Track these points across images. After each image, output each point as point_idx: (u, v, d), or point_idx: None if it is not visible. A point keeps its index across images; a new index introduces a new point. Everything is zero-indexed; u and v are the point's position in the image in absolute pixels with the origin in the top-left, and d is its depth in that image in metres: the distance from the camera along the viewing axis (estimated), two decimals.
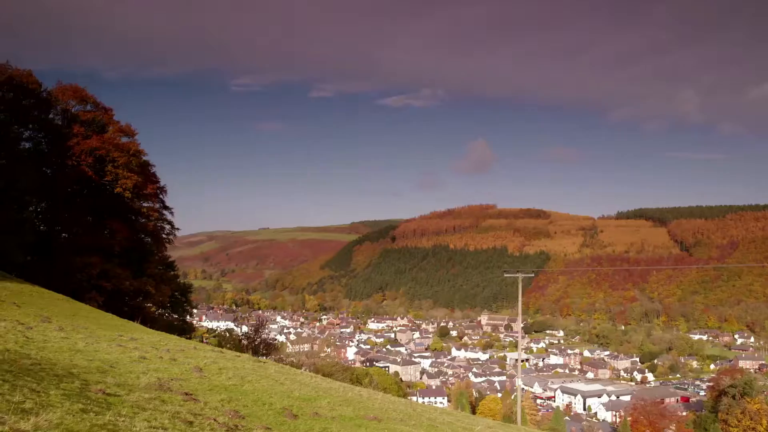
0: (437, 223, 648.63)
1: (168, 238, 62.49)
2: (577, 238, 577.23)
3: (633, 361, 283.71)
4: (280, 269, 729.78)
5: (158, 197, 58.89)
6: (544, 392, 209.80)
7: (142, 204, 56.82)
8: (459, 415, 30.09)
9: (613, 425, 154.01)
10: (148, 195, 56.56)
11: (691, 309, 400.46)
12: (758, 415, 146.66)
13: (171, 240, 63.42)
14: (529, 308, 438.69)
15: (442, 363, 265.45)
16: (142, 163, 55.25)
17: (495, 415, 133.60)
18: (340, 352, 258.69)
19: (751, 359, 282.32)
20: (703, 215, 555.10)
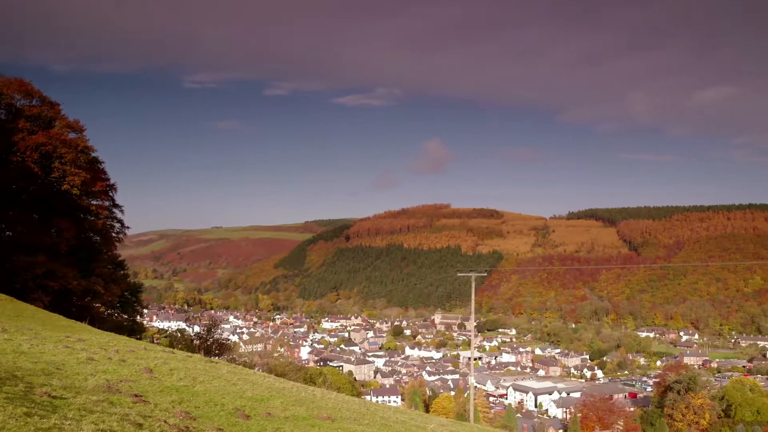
0: (391, 223, 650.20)
1: (118, 236, 61.28)
2: (529, 237, 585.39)
3: (583, 358, 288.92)
4: (233, 268, 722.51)
5: (108, 195, 57.65)
6: (497, 390, 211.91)
7: (91, 202, 55.51)
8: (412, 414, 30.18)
9: (564, 422, 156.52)
10: (97, 192, 55.28)
11: (638, 307, 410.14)
12: (701, 409, 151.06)
13: (121, 239, 62.21)
14: (482, 307, 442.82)
15: (395, 362, 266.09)
16: (90, 160, 53.97)
17: (448, 413, 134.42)
18: (293, 352, 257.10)
19: (695, 355, 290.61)
20: (651, 216, 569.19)
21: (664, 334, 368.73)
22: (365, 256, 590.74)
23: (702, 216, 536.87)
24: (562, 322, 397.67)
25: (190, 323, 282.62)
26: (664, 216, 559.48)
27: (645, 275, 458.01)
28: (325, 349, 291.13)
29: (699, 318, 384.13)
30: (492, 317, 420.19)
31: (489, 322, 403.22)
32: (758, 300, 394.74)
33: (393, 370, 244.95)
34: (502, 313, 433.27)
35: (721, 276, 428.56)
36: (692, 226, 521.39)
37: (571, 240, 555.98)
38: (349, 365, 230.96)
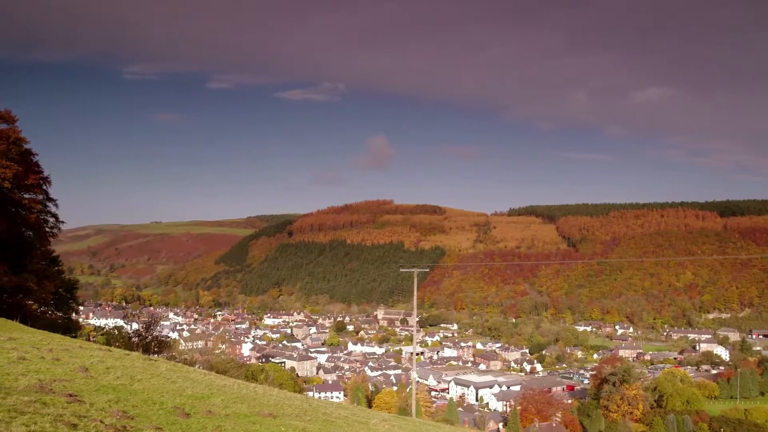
0: (334, 218, 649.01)
1: (52, 231, 59.43)
2: (471, 233, 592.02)
3: (523, 352, 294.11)
4: (173, 264, 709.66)
5: (41, 188, 55.80)
6: (439, 384, 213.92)
7: (23, 195, 53.61)
8: (355, 409, 30.22)
9: (504, 414, 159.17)
10: (29, 186, 53.44)
11: (576, 302, 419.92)
12: (635, 400, 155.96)
13: (55, 234, 60.34)
14: (424, 302, 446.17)
15: (338, 358, 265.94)
16: (23, 152, 52.12)
17: (390, 408, 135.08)
18: (235, 349, 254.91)
19: (630, 348, 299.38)
20: (589, 213, 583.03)
21: (601, 327, 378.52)
22: (308, 252, 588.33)
23: (637, 213, 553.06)
24: (503, 316, 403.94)
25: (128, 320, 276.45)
26: (601, 213, 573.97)
27: (583, 271, 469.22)
28: (268, 345, 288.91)
29: (634, 312, 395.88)
30: (434, 312, 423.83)
31: (431, 317, 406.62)
32: (689, 294, 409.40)
33: (336, 365, 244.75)
34: (444, 309, 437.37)
35: (654, 271, 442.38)
36: (628, 223, 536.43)
37: (511, 236, 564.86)
38: (291, 361, 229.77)
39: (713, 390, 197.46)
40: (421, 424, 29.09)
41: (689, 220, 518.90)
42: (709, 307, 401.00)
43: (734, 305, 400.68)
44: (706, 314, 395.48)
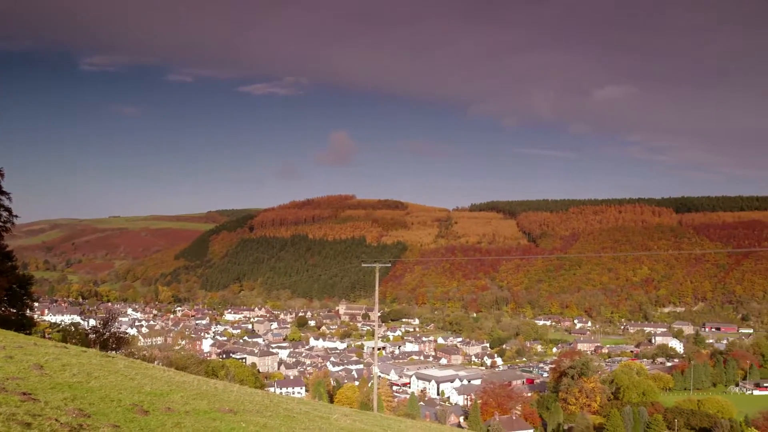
0: (296, 213, 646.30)
1: (5, 225, 57.97)
2: (432, 229, 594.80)
3: (484, 346, 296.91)
4: (132, 259, 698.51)
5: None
6: (400, 379, 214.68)
7: None
8: (316, 404, 30.17)
9: (465, 408, 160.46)
10: None
11: (536, 296, 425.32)
12: (593, 392, 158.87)
13: (8, 228, 58.85)
14: (386, 297, 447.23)
15: (300, 353, 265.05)
16: None
17: (352, 402, 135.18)
18: (195, 345, 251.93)
19: (588, 342, 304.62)
20: (549, 208, 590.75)
21: (560, 321, 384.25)
22: (269, 247, 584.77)
23: (596, 209, 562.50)
24: (464, 311, 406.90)
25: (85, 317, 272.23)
26: (561, 209, 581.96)
27: (543, 266, 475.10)
28: (228, 341, 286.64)
29: (592, 306, 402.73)
30: (396, 307, 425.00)
31: (393, 312, 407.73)
32: (645, 289, 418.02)
33: (297, 361, 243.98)
34: (406, 303, 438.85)
35: (612, 266, 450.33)
36: (587, 218, 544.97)
37: (473, 231, 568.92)
38: (252, 357, 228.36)
39: (668, 382, 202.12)
40: (382, 419, 29.17)
41: (646, 216, 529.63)
42: (664, 301, 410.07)
43: (688, 299, 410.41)
44: (661, 308, 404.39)
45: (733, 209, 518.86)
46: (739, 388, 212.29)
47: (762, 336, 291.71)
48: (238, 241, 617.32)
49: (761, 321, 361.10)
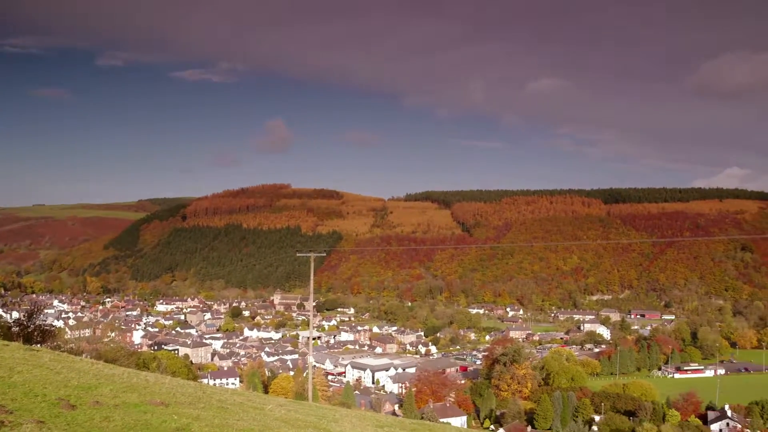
0: (230, 202, 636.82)
1: None
2: (368, 218, 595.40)
3: (418, 335, 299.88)
4: (58, 249, 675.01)
5: None
6: (336, 368, 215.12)
7: None
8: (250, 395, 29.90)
9: (400, 396, 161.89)
10: None
11: (470, 285, 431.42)
12: (524, 379, 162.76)
13: None
14: (321, 287, 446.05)
15: (234, 344, 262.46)
16: None
17: (287, 393, 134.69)
18: (125, 337, 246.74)
19: (520, 330, 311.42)
20: (483, 199, 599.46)
21: (493, 310, 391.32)
22: (203, 237, 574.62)
23: (528, 200, 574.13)
24: (399, 300, 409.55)
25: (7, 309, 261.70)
26: (494, 199, 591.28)
27: (476, 255, 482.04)
28: (160, 332, 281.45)
29: (524, 294, 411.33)
30: (331, 297, 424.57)
31: (328, 301, 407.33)
32: (575, 277, 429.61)
33: (231, 352, 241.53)
34: (341, 293, 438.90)
35: (543, 255, 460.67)
36: (519, 209, 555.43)
37: (408, 221, 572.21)
38: (185, 348, 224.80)
39: (595, 367, 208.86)
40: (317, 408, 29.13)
41: (576, 207, 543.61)
42: (593, 289, 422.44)
43: (615, 287, 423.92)
44: (590, 296, 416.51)
45: (658, 201, 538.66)
46: (661, 371, 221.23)
47: (683, 322, 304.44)
48: (170, 230, 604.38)
49: (683, 308, 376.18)
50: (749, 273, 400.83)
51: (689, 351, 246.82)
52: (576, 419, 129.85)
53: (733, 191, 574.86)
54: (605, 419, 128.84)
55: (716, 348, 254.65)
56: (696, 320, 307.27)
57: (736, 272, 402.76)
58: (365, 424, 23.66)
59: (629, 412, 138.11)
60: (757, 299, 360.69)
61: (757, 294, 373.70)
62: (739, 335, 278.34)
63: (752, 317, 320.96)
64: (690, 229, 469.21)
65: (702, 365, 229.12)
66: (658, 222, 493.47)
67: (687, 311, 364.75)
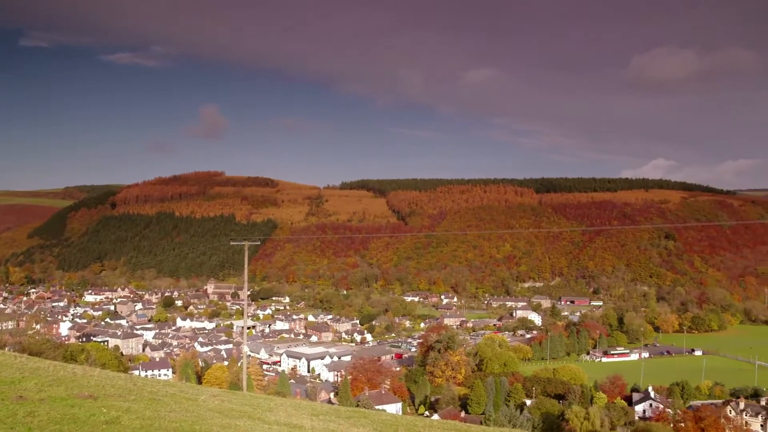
0: (162, 190, 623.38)
1: None
2: (303, 206, 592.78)
3: (354, 323, 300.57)
4: None
5: None
6: (270, 357, 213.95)
7: None
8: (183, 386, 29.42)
9: (335, 384, 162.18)
10: None
11: (405, 273, 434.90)
12: (458, 365, 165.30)
13: None
14: (256, 276, 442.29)
15: (166, 334, 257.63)
16: None
17: (221, 383, 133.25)
18: (51, 328, 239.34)
19: (454, 317, 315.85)
20: (418, 187, 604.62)
21: (428, 297, 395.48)
22: (133, 225, 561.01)
23: (463, 189, 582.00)
24: (335, 288, 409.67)
25: None
26: (429, 188, 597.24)
27: (411, 243, 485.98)
28: (89, 323, 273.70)
29: (458, 282, 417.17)
30: (266, 286, 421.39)
31: (263, 290, 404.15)
32: (507, 265, 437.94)
33: (163, 342, 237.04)
34: (276, 282, 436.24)
35: (477, 244, 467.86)
36: (454, 197, 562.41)
37: (343, 209, 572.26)
38: (115, 340, 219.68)
39: (527, 353, 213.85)
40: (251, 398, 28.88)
41: (509, 196, 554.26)
42: (525, 276, 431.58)
43: (546, 275, 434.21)
44: (522, 283, 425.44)
45: (588, 190, 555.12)
46: (589, 356, 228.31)
47: (610, 308, 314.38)
48: (99, 218, 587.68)
49: (610, 294, 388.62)
50: (672, 260, 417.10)
51: (616, 336, 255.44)
52: (508, 404, 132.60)
53: (658, 182, 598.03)
54: (536, 403, 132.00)
55: (641, 332, 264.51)
56: (622, 306, 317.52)
57: (660, 260, 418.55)
58: (301, 413, 23.58)
59: (559, 396, 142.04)
60: (679, 285, 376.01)
61: (679, 280, 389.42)
62: (662, 320, 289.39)
63: (674, 302, 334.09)
64: (617, 218, 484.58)
65: (628, 349, 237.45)
66: (587, 211, 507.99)
67: (614, 297, 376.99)
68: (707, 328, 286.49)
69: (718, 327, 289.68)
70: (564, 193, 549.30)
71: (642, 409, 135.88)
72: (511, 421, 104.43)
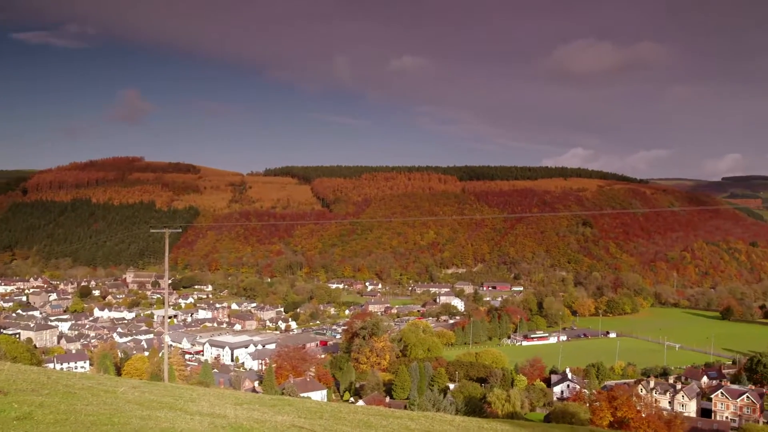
0: (78, 175, 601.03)
1: None
2: (226, 193, 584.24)
3: (278, 311, 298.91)
4: None
5: None
6: (193, 347, 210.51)
7: None
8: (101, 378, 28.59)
9: (260, 373, 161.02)
10: None
11: (330, 260, 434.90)
12: (383, 351, 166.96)
13: None
14: (177, 264, 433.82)
15: (83, 325, 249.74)
16: None
17: (142, 374, 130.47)
18: None
19: (379, 303, 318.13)
20: (343, 174, 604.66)
21: (353, 284, 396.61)
22: (46, 212, 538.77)
23: (387, 176, 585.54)
24: (259, 276, 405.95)
25: None
26: (354, 175, 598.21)
27: (336, 230, 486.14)
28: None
29: (382, 269, 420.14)
30: (188, 274, 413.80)
31: (185, 279, 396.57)
32: (431, 252, 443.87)
33: (80, 333, 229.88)
34: (199, 270, 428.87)
35: (402, 231, 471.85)
36: (378, 185, 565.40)
37: (267, 196, 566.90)
38: (27, 332, 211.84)
39: (450, 338, 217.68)
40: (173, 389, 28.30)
41: (433, 183, 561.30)
42: (448, 263, 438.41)
43: (469, 261, 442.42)
44: (445, 270, 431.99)
45: (509, 178, 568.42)
46: (510, 340, 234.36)
47: (530, 293, 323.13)
48: (9, 205, 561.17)
49: (530, 279, 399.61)
50: (589, 246, 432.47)
51: (536, 320, 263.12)
52: (432, 388, 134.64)
53: (576, 170, 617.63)
54: (459, 387, 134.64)
55: (559, 316, 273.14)
56: (542, 291, 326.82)
57: (578, 246, 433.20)
58: (224, 403, 23.27)
59: (481, 379, 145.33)
60: (595, 270, 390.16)
61: (595, 266, 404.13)
62: (579, 304, 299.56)
63: (591, 287, 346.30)
64: (538, 206, 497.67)
65: (547, 333, 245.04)
66: (509, 198, 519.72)
67: (534, 282, 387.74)
68: (621, 311, 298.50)
69: (631, 310, 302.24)
70: (487, 181, 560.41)
71: (560, 390, 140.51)
72: (435, 405, 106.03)
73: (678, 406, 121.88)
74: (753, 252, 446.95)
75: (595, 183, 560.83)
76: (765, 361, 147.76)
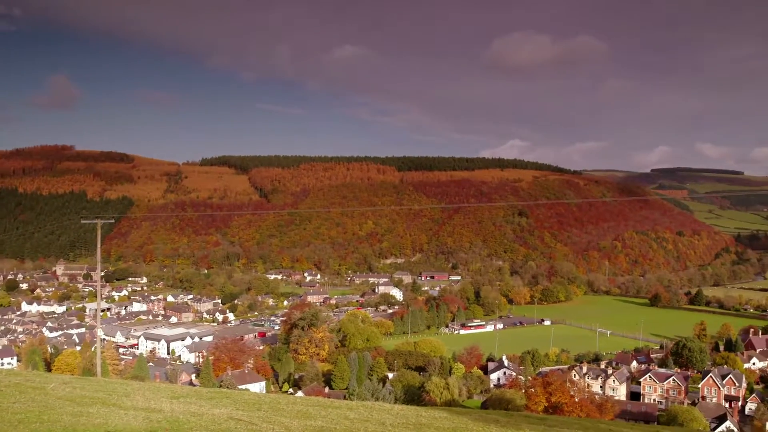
0: (3, 164, 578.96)
1: None
2: (161, 183, 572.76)
3: (215, 303, 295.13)
4: None
5: None
6: (128, 340, 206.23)
7: None
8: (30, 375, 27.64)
9: (197, 366, 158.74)
10: None
11: (268, 251, 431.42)
12: (322, 341, 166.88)
13: None
14: (110, 256, 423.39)
15: (10, 320, 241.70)
16: None
17: (73, 369, 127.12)
18: None
19: (318, 294, 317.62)
20: (281, 164, 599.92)
21: (291, 275, 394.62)
22: None
23: (326, 166, 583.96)
24: (195, 268, 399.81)
25: None
26: (292, 165, 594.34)
27: (274, 221, 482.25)
28: None
29: (321, 259, 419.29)
30: (122, 266, 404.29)
31: (118, 271, 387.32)
32: (370, 242, 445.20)
33: (7, 329, 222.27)
34: (133, 261, 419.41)
35: (340, 221, 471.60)
36: (317, 175, 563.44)
37: (204, 186, 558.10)
38: None
39: (389, 327, 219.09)
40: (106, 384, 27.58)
41: (372, 174, 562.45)
42: (387, 253, 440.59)
43: (408, 251, 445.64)
44: (384, 260, 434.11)
45: (447, 169, 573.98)
46: (448, 329, 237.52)
47: (468, 282, 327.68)
48: None
49: (468, 269, 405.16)
50: (525, 236, 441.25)
51: (473, 308, 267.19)
52: (371, 378, 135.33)
53: (512, 161, 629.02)
54: (398, 376, 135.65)
55: (496, 305, 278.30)
56: (479, 280, 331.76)
57: (514, 236, 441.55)
58: (160, 397, 22.81)
59: (420, 368, 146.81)
60: (531, 260, 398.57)
61: (530, 255, 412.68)
62: (515, 293, 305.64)
63: (526, 276, 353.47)
64: (475, 196, 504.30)
65: (484, 321, 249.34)
66: (447, 189, 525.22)
67: (471, 272, 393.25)
68: (555, 299, 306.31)
69: (565, 298, 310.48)
70: (425, 172, 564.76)
71: (497, 377, 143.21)
72: (374, 395, 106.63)
73: (609, 390, 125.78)
74: (679, 241, 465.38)
75: (531, 174, 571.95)
76: (690, 345, 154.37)
